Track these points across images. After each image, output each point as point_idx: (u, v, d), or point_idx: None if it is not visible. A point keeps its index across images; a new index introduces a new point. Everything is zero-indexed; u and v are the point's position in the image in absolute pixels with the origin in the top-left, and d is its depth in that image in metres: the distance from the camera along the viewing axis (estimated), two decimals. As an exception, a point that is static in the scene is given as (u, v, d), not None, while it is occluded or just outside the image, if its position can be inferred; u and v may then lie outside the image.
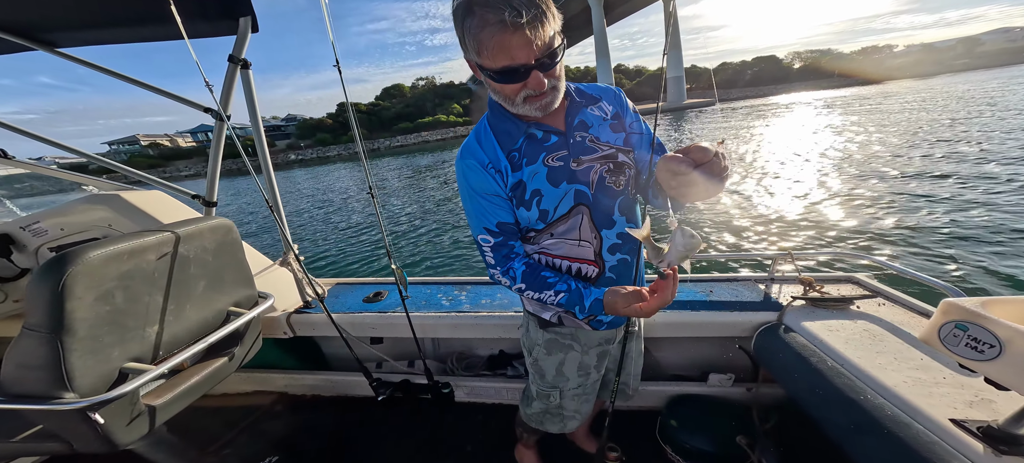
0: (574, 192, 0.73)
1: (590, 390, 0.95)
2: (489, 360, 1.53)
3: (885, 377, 0.78)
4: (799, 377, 0.89)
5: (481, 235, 0.76)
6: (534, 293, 0.75)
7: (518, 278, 0.75)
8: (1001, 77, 35.76)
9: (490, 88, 0.67)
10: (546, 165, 0.72)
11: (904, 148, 8.05)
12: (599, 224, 0.76)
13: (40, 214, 1.44)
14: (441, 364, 1.57)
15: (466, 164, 0.73)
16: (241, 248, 1.24)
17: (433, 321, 1.34)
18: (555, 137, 0.73)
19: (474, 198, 0.74)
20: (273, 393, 1.68)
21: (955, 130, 9.55)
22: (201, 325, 1.11)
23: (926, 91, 29.15)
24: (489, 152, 0.72)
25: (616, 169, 0.76)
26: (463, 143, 0.76)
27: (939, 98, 20.25)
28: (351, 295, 1.57)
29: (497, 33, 0.55)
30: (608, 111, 0.78)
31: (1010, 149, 6.78)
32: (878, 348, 0.88)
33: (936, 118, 12.31)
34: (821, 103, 30.78)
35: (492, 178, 0.72)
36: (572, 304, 0.73)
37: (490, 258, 0.77)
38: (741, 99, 67.90)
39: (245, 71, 1.24)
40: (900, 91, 33.80)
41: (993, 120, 10.50)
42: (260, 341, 1.31)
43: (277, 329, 1.47)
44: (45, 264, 0.82)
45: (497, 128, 0.73)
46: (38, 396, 0.81)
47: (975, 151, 6.96)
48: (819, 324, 1.01)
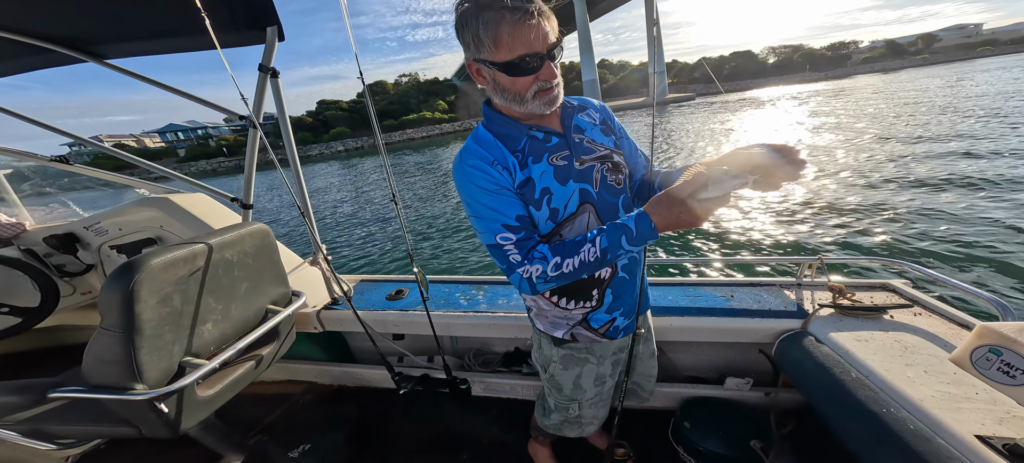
0: (579, 191, 0.75)
1: (606, 396, 0.97)
2: (505, 357, 1.59)
3: (912, 390, 0.75)
4: (821, 386, 0.86)
5: (500, 235, 0.71)
6: (571, 260, 0.69)
7: (549, 256, 0.70)
8: (962, 71, 37.81)
9: (499, 86, 0.68)
10: (552, 164, 0.74)
11: (920, 142, 7.70)
12: (606, 221, 0.77)
13: (100, 215, 1.56)
14: (459, 360, 1.63)
15: (470, 165, 0.71)
16: (276, 250, 1.32)
17: (452, 320, 1.40)
18: (556, 138, 0.75)
19: (485, 197, 0.71)
20: (304, 383, 1.78)
21: (967, 124, 9.12)
22: (244, 323, 1.20)
23: (896, 83, 30.77)
24: (494, 152, 0.72)
25: (615, 168, 0.80)
26: (461, 151, 0.74)
27: (913, 91, 21.10)
28: (375, 292, 1.65)
29: (518, 23, 0.59)
30: (596, 118, 0.83)
31: None
32: (908, 360, 0.84)
33: (937, 112, 11.86)
34: (804, 95, 32.01)
35: (500, 174, 0.71)
36: (616, 242, 0.66)
37: (514, 256, 0.71)
38: (721, 94, 69.95)
39: (274, 79, 1.30)
40: (868, 84, 35.66)
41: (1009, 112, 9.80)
42: (294, 335, 1.40)
43: (308, 324, 1.55)
44: (115, 272, 0.91)
45: (497, 133, 0.74)
46: (114, 387, 0.91)
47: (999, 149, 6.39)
48: (846, 333, 0.96)
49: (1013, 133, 7.62)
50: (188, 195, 1.54)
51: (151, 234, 1.52)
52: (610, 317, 0.84)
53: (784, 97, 34.12)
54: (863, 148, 7.97)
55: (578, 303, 0.83)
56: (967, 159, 6.21)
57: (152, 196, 1.53)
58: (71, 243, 1.59)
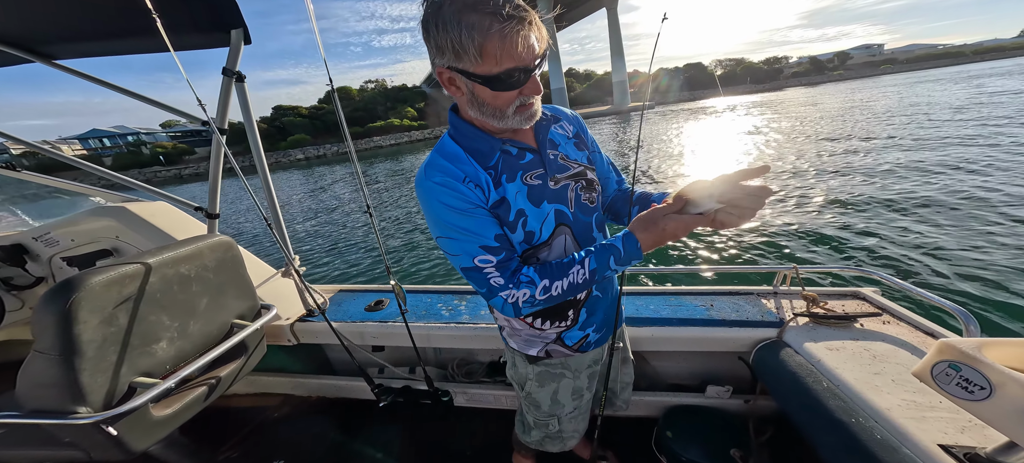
0: (555, 212, 0.72)
1: (585, 409, 0.96)
2: (489, 366, 1.56)
3: (879, 399, 0.78)
4: (794, 395, 0.89)
5: (480, 257, 0.65)
6: (559, 282, 0.66)
7: (536, 279, 0.66)
8: (880, 85, 42.29)
9: (477, 99, 0.61)
10: (526, 183, 0.70)
11: (883, 150, 7.83)
12: (582, 243, 0.76)
13: (51, 225, 1.46)
14: (442, 370, 1.61)
15: (437, 182, 0.64)
16: (242, 263, 1.27)
17: (433, 331, 1.38)
18: (530, 155, 0.71)
19: (457, 218, 0.64)
20: (279, 396, 1.72)
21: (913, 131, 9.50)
22: (205, 338, 1.16)
23: (822, 96, 34.44)
24: (464, 168, 0.66)
25: (588, 186, 0.77)
26: (424, 165, 0.67)
27: (840, 104, 22.98)
28: (353, 303, 1.61)
29: (511, 34, 0.52)
30: (569, 130, 0.80)
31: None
32: (876, 369, 0.87)
33: (880, 121, 12.32)
34: (747, 105, 34.99)
35: (473, 191, 0.65)
36: (605, 263, 0.66)
37: (496, 280, 0.66)
38: (677, 103, 75.19)
39: (240, 84, 1.25)
40: (797, 97, 40.29)
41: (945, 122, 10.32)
42: (264, 348, 1.36)
43: (281, 337, 1.51)
44: (50, 291, 0.87)
45: (468, 146, 0.68)
46: (54, 411, 0.86)
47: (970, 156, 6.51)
48: (820, 343, 0.99)
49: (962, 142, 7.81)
50: (147, 204, 1.46)
51: (106, 245, 1.43)
52: (583, 333, 0.84)
53: (730, 107, 37.36)
54: (818, 156, 8.29)
55: (554, 324, 0.81)
56: (922, 168, 6.25)
57: (108, 205, 1.44)
58: (19, 255, 1.48)
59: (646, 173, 9.08)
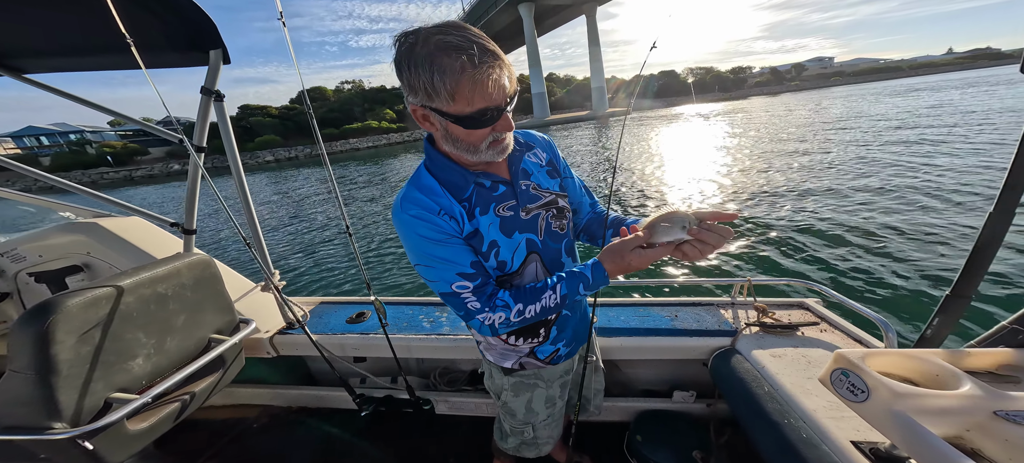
0: (526, 241, 0.75)
1: (558, 416, 1.01)
2: (470, 375, 1.59)
3: (807, 401, 0.87)
4: (743, 399, 0.97)
5: (457, 283, 0.69)
6: (533, 306, 0.70)
7: (511, 303, 0.70)
8: (831, 96, 45.15)
9: (451, 136, 0.64)
10: (498, 215, 0.73)
11: (842, 161, 8.21)
12: (551, 268, 0.80)
13: (17, 240, 1.42)
14: (425, 379, 1.63)
15: (413, 214, 0.67)
16: (220, 280, 1.28)
17: (414, 343, 1.40)
18: (503, 186, 0.74)
19: (434, 248, 0.68)
20: (259, 407, 1.72)
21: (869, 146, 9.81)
22: (182, 354, 1.16)
23: (785, 105, 36.87)
24: (440, 200, 0.69)
25: (559, 214, 0.80)
26: (400, 195, 0.70)
27: (804, 112, 24.28)
28: (334, 315, 1.62)
29: (482, 77, 0.55)
30: (543, 158, 0.82)
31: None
32: (809, 374, 0.97)
33: (847, 132, 12.88)
34: (716, 112, 36.55)
35: (448, 223, 0.68)
36: (574, 289, 0.70)
37: (473, 303, 0.70)
38: (652, 109, 78.13)
39: (219, 102, 1.24)
40: (760, 105, 42.91)
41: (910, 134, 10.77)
42: (242, 361, 1.37)
43: (261, 349, 1.50)
44: (27, 313, 0.89)
45: (443, 179, 0.70)
46: (29, 427, 0.87)
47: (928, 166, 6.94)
48: (766, 351, 1.08)
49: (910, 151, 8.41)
50: (121, 219, 1.45)
51: (77, 261, 1.40)
52: (554, 347, 0.88)
53: (700, 114, 39.12)
54: (776, 167, 8.63)
55: (527, 340, 0.86)
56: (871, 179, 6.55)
57: (79, 221, 1.42)
58: None
59: (627, 181, 9.11)
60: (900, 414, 0.47)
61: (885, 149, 9.27)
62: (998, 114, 12.82)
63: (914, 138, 10.15)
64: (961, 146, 8.37)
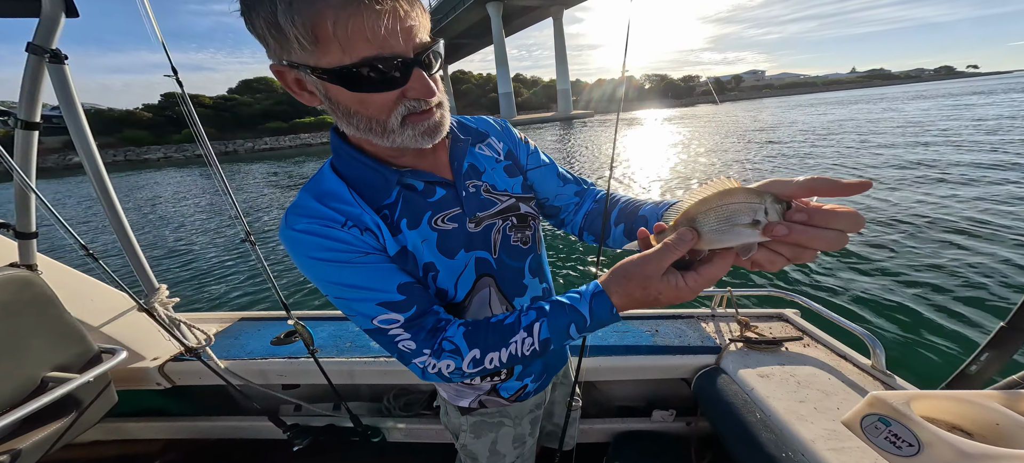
0: (475, 261, 0.57)
1: (529, 454, 0.84)
2: (431, 397, 1.43)
3: (804, 430, 0.82)
4: (731, 424, 0.93)
5: (380, 316, 0.48)
6: (496, 354, 0.49)
7: (463, 348, 0.49)
8: (763, 107, 50.36)
9: (340, 107, 0.44)
10: (436, 229, 0.54)
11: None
12: (510, 294, 0.62)
13: None
14: (376, 403, 1.45)
15: (301, 230, 0.47)
16: (53, 302, 1.06)
17: (359, 367, 1.22)
18: (442, 190, 0.55)
19: (340, 272, 0.47)
20: (160, 441, 1.48)
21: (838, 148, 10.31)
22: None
23: (731, 113, 40.04)
24: (344, 209, 0.49)
25: (520, 222, 0.62)
26: (292, 206, 0.49)
27: (745, 120, 26.69)
28: (256, 336, 1.40)
29: (354, 7, 0.35)
30: (499, 149, 0.63)
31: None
32: (801, 396, 0.93)
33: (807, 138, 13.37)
34: (670, 117, 39.65)
35: (357, 238, 0.48)
36: (563, 331, 0.47)
37: (406, 343, 0.49)
38: (611, 112, 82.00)
39: (58, 65, 0.96)
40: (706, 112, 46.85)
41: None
42: (112, 398, 1.14)
43: (147, 381, 1.29)
44: None
45: (353, 178, 0.51)
46: None
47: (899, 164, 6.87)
48: (752, 370, 1.04)
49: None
50: None
51: None
52: (521, 383, 0.71)
53: (657, 119, 41.80)
54: (733, 169, 8.89)
55: (486, 378, 0.69)
56: None
57: None
58: None
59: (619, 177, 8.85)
60: None
61: (821, 153, 10.37)
62: (903, 127, 14.27)
63: (831, 146, 11.41)
64: (870, 153, 9.36)
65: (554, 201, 0.69)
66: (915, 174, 6.75)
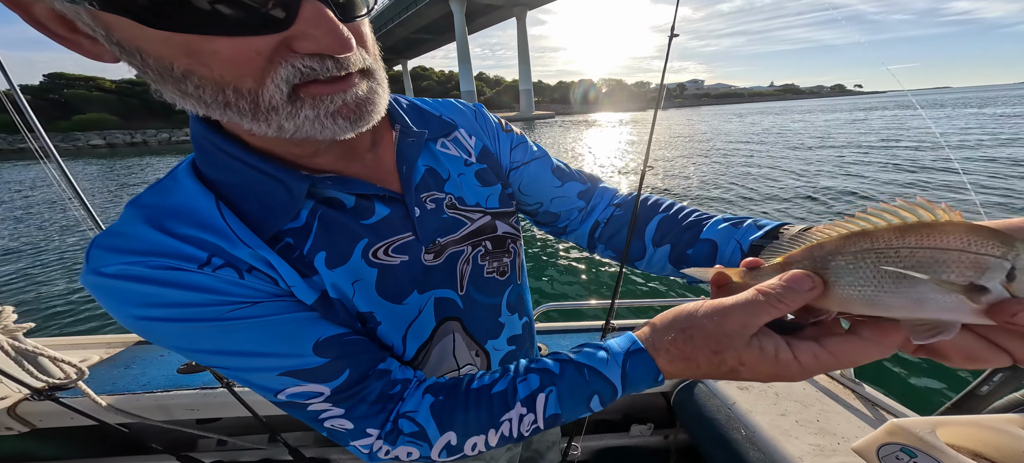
0: (433, 302, 0.41)
1: None
2: None
3: (790, 447, 0.83)
4: (715, 440, 0.93)
5: (290, 389, 0.32)
6: (480, 437, 0.34)
7: (430, 429, 0.33)
8: (700, 114, 56.00)
9: (156, 68, 0.23)
10: (375, 263, 0.37)
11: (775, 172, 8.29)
12: (481, 337, 0.46)
13: None
14: None
15: (126, 275, 0.27)
16: None
17: None
18: (384, 207, 0.38)
19: (203, 333, 0.29)
20: None
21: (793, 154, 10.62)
22: None
23: (677, 119, 43.03)
24: (206, 239, 0.30)
25: (496, 248, 0.46)
26: (100, 237, 0.29)
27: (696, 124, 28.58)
28: (158, 363, 1.20)
29: None
30: (471, 147, 0.46)
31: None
32: (781, 409, 0.95)
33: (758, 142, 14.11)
34: (624, 121, 42.10)
35: (232, 281, 0.30)
36: (581, 404, 0.32)
37: (339, 422, 0.33)
38: (575, 114, 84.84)
39: None
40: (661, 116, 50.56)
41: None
42: None
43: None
44: None
45: (230, 187, 0.32)
46: None
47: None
48: (731, 382, 1.03)
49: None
50: None
51: None
52: None
53: (611, 122, 43.89)
54: (691, 172, 9.06)
55: None
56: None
57: None
58: None
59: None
60: None
61: (774, 159, 10.74)
62: (819, 135, 16.17)
63: (761, 152, 12.16)
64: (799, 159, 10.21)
65: (551, 206, 0.52)
66: (844, 175, 7.42)
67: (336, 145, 0.33)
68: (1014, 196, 5.59)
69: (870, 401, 0.93)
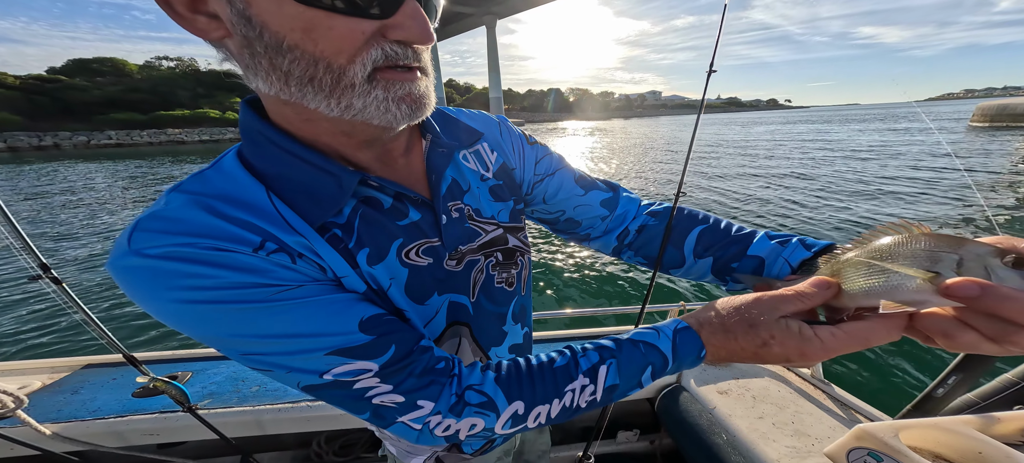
0: (448, 306, 0.43)
1: None
2: (373, 438, 1.23)
3: (769, 450, 0.85)
4: (699, 445, 0.94)
5: (338, 368, 0.31)
6: (544, 408, 0.36)
7: (499, 399, 0.35)
8: (660, 124, 60.58)
9: (266, 43, 0.26)
10: (407, 264, 0.38)
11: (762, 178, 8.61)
12: (486, 343, 0.48)
13: None
14: (303, 450, 1.26)
15: (175, 255, 0.27)
16: None
17: (270, 416, 1.03)
18: (416, 211, 0.39)
19: (253, 317, 0.29)
20: None
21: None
22: None
23: (639, 128, 45.41)
24: (260, 224, 0.30)
25: (507, 260, 0.48)
26: (141, 220, 0.28)
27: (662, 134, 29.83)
28: (109, 386, 1.13)
29: None
30: (491, 162, 0.47)
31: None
32: (759, 412, 0.98)
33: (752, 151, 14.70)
34: (589, 129, 43.85)
35: (285, 266, 0.30)
36: (634, 377, 0.36)
37: (387, 397, 0.32)
38: (544, 121, 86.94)
39: None
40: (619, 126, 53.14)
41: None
42: None
43: None
44: None
45: (279, 178, 0.32)
46: None
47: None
48: (711, 386, 1.07)
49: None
50: None
51: None
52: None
53: (579, 129, 45.89)
54: (660, 178, 9.35)
55: None
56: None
57: None
58: None
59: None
60: None
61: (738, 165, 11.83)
62: (766, 144, 18.09)
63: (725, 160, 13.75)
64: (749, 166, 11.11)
65: (574, 214, 0.53)
66: (807, 185, 7.90)
67: (376, 146, 0.36)
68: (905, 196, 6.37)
69: (840, 401, 0.99)
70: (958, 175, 8.04)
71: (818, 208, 5.94)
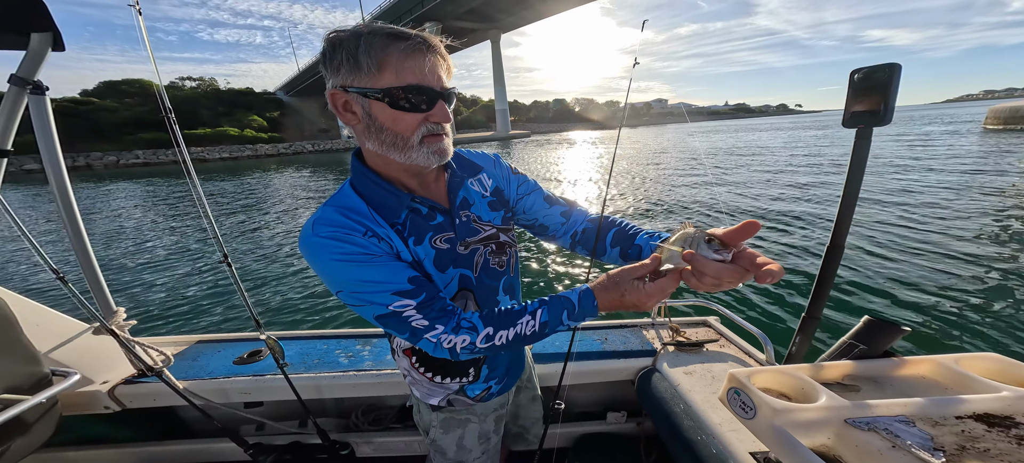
0: (459, 277, 0.67)
1: (494, 452, 0.90)
2: (400, 411, 1.45)
3: (714, 416, 0.95)
4: (664, 417, 1.04)
5: (395, 303, 0.56)
6: (505, 332, 0.59)
7: (478, 325, 0.59)
8: (666, 132, 59.75)
9: (376, 124, 0.55)
10: (434, 247, 0.64)
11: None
12: (484, 306, 0.71)
13: None
14: (344, 419, 1.48)
15: (327, 236, 0.55)
16: (11, 324, 1.03)
17: (327, 382, 1.26)
18: (441, 216, 0.66)
19: (357, 270, 0.55)
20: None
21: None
22: None
23: (646, 137, 45.54)
24: (366, 221, 0.59)
25: (499, 250, 0.73)
26: (314, 219, 0.58)
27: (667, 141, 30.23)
28: (216, 356, 1.41)
29: (412, 51, 0.52)
30: (488, 186, 0.74)
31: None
32: (714, 389, 1.06)
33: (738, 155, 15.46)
34: (596, 139, 43.95)
35: (376, 245, 0.57)
36: (557, 318, 0.59)
37: (419, 321, 0.57)
38: (549, 133, 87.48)
39: (39, 96, 1.00)
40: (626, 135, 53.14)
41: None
42: (55, 421, 1.09)
43: (95, 405, 1.26)
44: None
45: (372, 199, 0.61)
46: None
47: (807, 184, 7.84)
48: (680, 369, 1.17)
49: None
50: None
51: None
52: (486, 386, 0.80)
53: (586, 140, 46.25)
54: (660, 188, 9.35)
55: (454, 378, 0.77)
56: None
57: None
58: None
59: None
60: (779, 429, 0.52)
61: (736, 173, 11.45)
62: (778, 150, 17.82)
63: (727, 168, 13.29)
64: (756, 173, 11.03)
65: (543, 221, 0.80)
66: (795, 195, 7.93)
67: (420, 177, 0.63)
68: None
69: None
70: (979, 181, 7.58)
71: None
